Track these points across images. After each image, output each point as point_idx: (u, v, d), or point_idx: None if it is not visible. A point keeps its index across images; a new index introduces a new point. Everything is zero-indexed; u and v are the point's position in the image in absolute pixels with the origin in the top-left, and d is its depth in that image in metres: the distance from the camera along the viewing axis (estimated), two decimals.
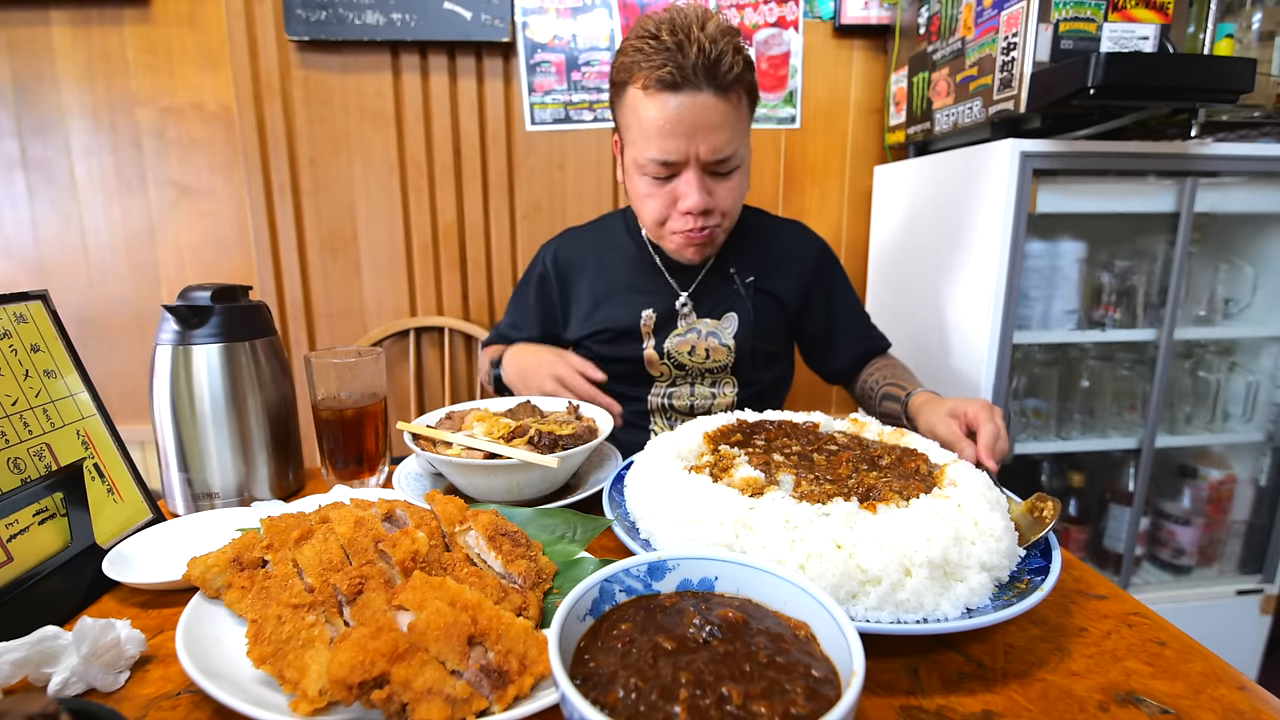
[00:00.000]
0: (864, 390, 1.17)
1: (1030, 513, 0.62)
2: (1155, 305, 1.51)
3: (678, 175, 0.98)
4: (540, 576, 0.53)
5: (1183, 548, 1.68)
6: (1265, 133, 1.46)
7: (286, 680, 0.42)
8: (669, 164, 0.96)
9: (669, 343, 1.12)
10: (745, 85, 0.95)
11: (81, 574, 0.60)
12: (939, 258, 1.56)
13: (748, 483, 0.59)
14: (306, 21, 1.66)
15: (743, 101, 0.97)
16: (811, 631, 0.39)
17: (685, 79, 0.90)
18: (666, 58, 0.89)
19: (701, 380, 1.14)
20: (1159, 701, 0.45)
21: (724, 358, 1.12)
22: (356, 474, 0.84)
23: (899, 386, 1.05)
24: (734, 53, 0.91)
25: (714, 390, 1.15)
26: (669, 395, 1.15)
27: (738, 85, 0.93)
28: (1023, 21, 1.24)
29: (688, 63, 0.89)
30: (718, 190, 1.00)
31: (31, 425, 0.63)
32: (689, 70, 0.89)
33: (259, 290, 1.81)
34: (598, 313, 1.15)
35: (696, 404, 1.14)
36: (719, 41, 0.90)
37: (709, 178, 0.98)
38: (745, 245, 1.15)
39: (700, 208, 0.98)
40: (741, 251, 1.15)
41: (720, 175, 0.99)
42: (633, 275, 1.16)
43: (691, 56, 0.89)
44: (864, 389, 1.17)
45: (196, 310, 0.76)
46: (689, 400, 1.14)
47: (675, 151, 0.95)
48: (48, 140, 1.72)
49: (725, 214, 1.03)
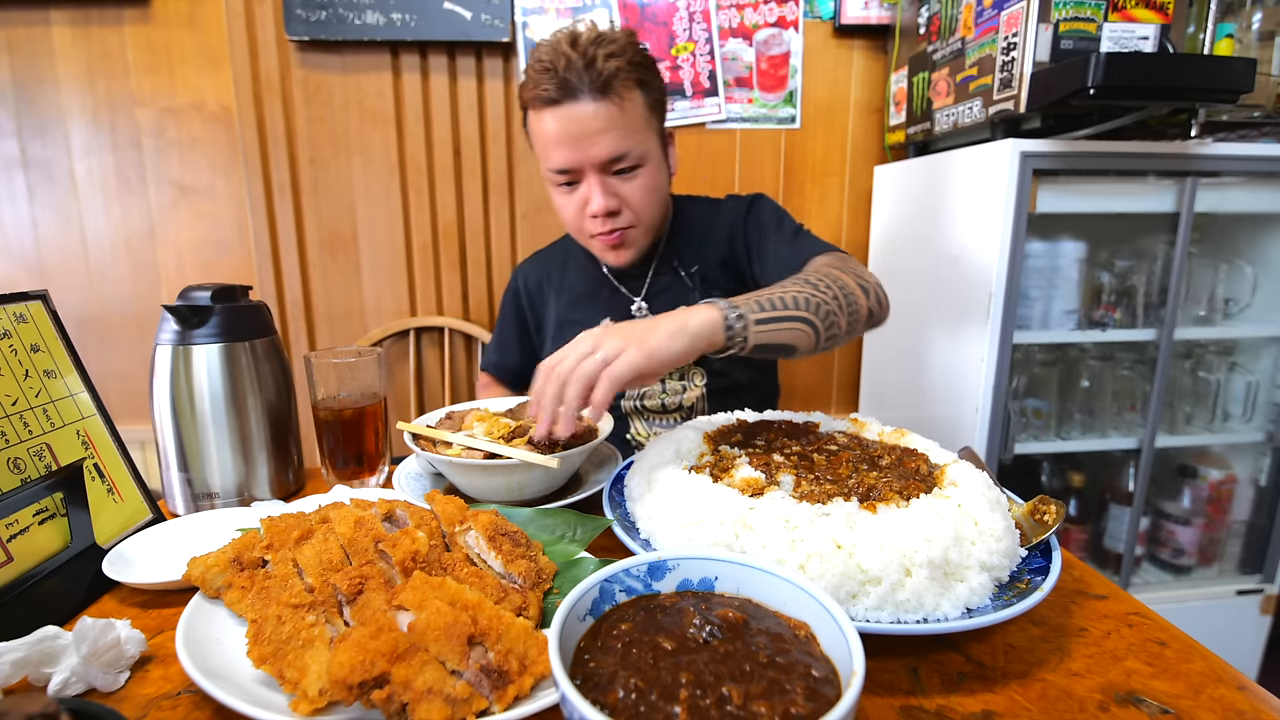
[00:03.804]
0: None
1: (1032, 515, 0.62)
2: (1155, 305, 1.51)
3: (580, 182, 1.03)
4: (540, 576, 0.53)
5: (1183, 548, 1.68)
6: (1265, 133, 1.46)
7: (286, 680, 0.42)
8: (567, 172, 1.02)
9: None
10: (632, 83, 0.98)
11: (81, 574, 0.60)
12: (939, 257, 1.56)
13: (748, 483, 0.59)
14: (306, 21, 1.66)
15: (633, 101, 0.99)
16: (811, 631, 0.39)
17: (563, 91, 0.96)
18: (545, 76, 0.96)
19: (669, 375, 1.15)
20: (1159, 701, 0.45)
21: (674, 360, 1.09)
22: (356, 474, 0.84)
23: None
24: (606, 57, 0.95)
25: (683, 383, 1.15)
26: (641, 396, 1.15)
27: (618, 86, 0.96)
28: (1023, 21, 1.24)
29: (561, 76, 0.95)
30: (623, 190, 1.03)
31: (31, 425, 0.63)
32: (563, 82, 0.95)
33: (259, 290, 1.81)
34: (564, 333, 1.16)
35: (667, 401, 1.14)
36: (588, 50, 0.95)
37: (612, 179, 1.02)
38: (685, 237, 1.18)
39: (604, 209, 1.02)
40: (682, 244, 1.17)
41: (623, 175, 1.02)
42: (591, 289, 1.19)
43: (561, 70, 0.95)
44: None
45: (196, 310, 0.76)
46: (660, 398, 1.15)
47: (568, 160, 1.00)
48: (48, 140, 1.72)
49: (637, 213, 1.05)
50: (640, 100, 1.00)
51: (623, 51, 0.97)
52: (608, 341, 0.67)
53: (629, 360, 0.65)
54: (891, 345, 1.79)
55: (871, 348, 1.91)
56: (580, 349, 0.68)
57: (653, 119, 1.04)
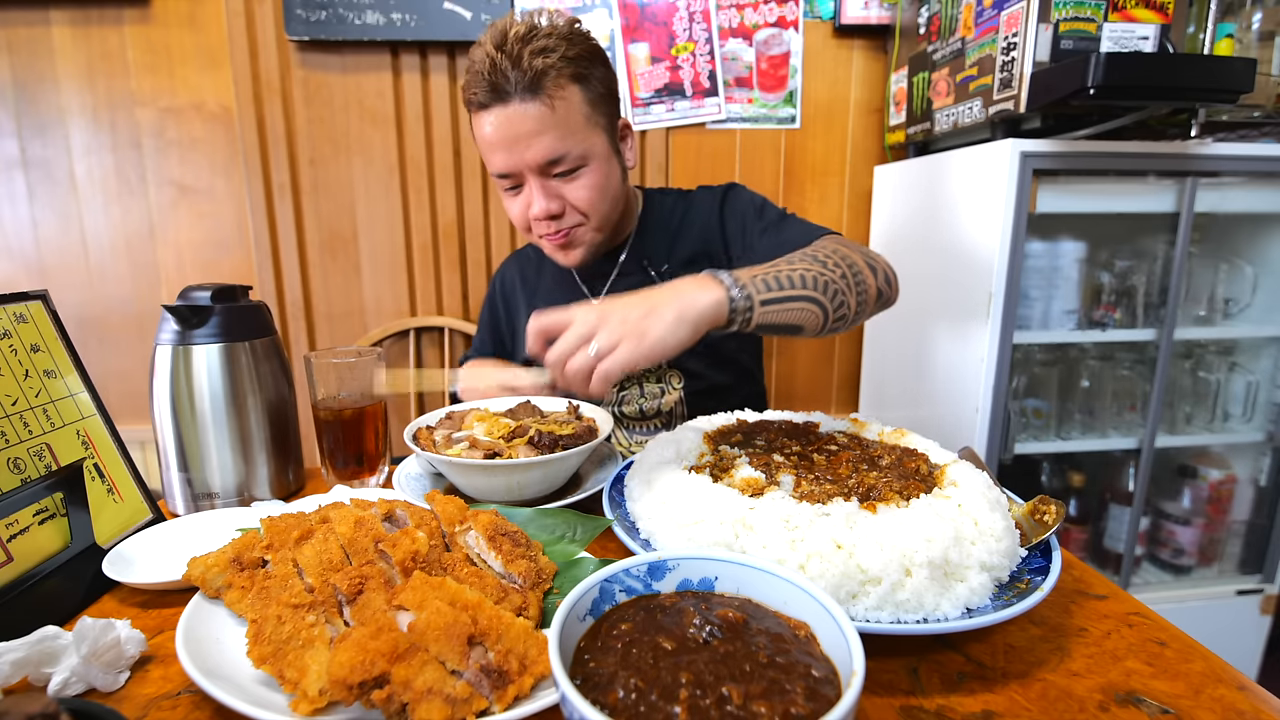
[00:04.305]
0: None
1: (1032, 515, 0.62)
2: (1155, 305, 1.51)
3: (524, 184, 0.99)
4: (540, 576, 0.53)
5: (1183, 548, 1.68)
6: (1265, 133, 1.46)
7: (286, 680, 0.42)
8: (507, 175, 0.98)
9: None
10: (566, 79, 0.92)
11: (81, 574, 0.60)
12: (939, 258, 1.56)
13: (748, 483, 0.59)
14: (306, 21, 1.66)
15: (568, 98, 0.93)
16: (811, 631, 0.39)
17: (493, 94, 0.92)
18: (476, 80, 0.92)
19: (647, 378, 1.13)
20: (1159, 701, 0.45)
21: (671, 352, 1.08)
22: (356, 474, 0.84)
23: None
24: (534, 54, 0.89)
25: (661, 386, 1.13)
26: (620, 402, 1.13)
27: (550, 85, 0.91)
28: (1023, 21, 1.24)
29: (488, 79, 0.91)
30: (566, 191, 0.99)
31: (31, 425, 0.63)
32: (493, 85, 0.91)
33: (259, 290, 1.81)
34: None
35: (645, 406, 1.13)
36: (514, 49, 0.89)
37: (553, 181, 0.98)
38: (655, 234, 1.14)
39: (544, 213, 0.98)
40: (653, 242, 1.14)
41: (565, 176, 0.98)
42: (559, 292, 1.17)
43: (487, 73, 0.90)
44: None
45: (196, 310, 0.76)
46: (638, 403, 1.13)
47: (505, 164, 0.96)
48: (48, 140, 1.72)
49: (584, 213, 1.01)
50: (578, 96, 0.95)
51: (555, 47, 0.91)
52: (603, 331, 0.64)
53: (623, 358, 0.63)
54: (891, 345, 1.79)
55: (871, 348, 1.91)
56: (574, 336, 0.65)
57: (595, 115, 0.98)
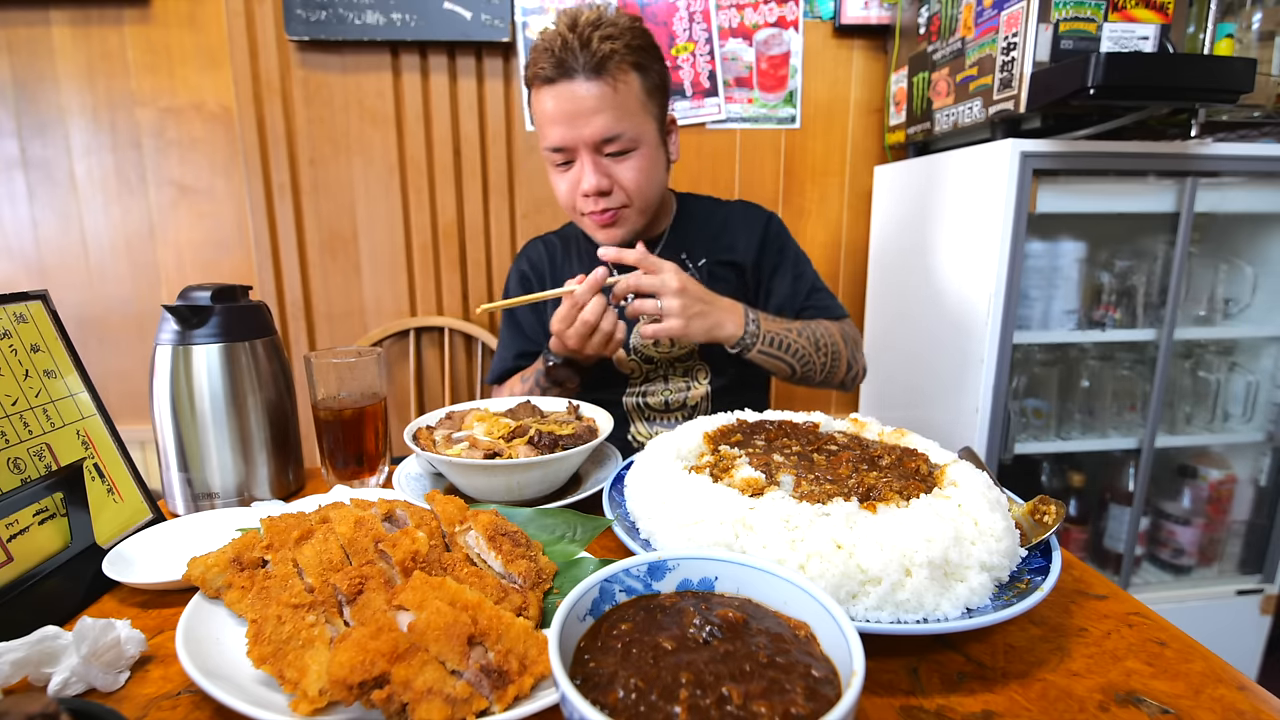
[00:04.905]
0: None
1: (1032, 515, 0.62)
2: (1155, 305, 1.51)
3: (575, 161, 1.05)
4: (540, 576, 0.53)
5: (1183, 548, 1.68)
6: (1265, 133, 1.46)
7: (286, 680, 0.42)
8: (561, 150, 1.04)
9: (633, 338, 1.14)
10: (629, 66, 1.00)
11: (81, 574, 0.60)
12: (939, 258, 1.56)
13: (748, 483, 0.59)
14: (306, 21, 1.66)
15: (629, 83, 1.01)
16: (811, 631, 0.39)
17: (560, 70, 0.99)
18: (544, 56, 1.00)
19: (674, 372, 1.16)
20: (1159, 701, 0.45)
21: (689, 342, 1.13)
22: (356, 474, 0.84)
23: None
24: (602, 39, 0.97)
25: (687, 381, 1.16)
26: (643, 393, 1.15)
27: (614, 68, 0.99)
28: (1023, 21, 1.24)
29: (557, 56, 0.98)
30: (616, 171, 1.05)
31: (31, 425, 0.63)
32: (561, 62, 0.98)
33: (259, 290, 1.81)
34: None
35: (671, 399, 1.15)
36: (585, 32, 0.98)
37: (605, 160, 1.04)
38: (695, 230, 1.19)
39: (595, 189, 1.03)
40: (693, 237, 1.18)
41: (616, 156, 1.04)
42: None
43: (558, 50, 0.98)
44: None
45: (196, 310, 0.76)
46: (663, 396, 1.15)
47: (562, 138, 1.02)
48: (48, 140, 1.72)
49: (630, 194, 1.06)
50: (637, 83, 1.02)
51: (620, 35, 0.99)
52: (672, 296, 0.91)
53: (667, 328, 0.92)
54: (891, 345, 1.79)
55: (872, 348, 1.91)
56: (658, 281, 0.91)
57: (650, 104, 1.05)
